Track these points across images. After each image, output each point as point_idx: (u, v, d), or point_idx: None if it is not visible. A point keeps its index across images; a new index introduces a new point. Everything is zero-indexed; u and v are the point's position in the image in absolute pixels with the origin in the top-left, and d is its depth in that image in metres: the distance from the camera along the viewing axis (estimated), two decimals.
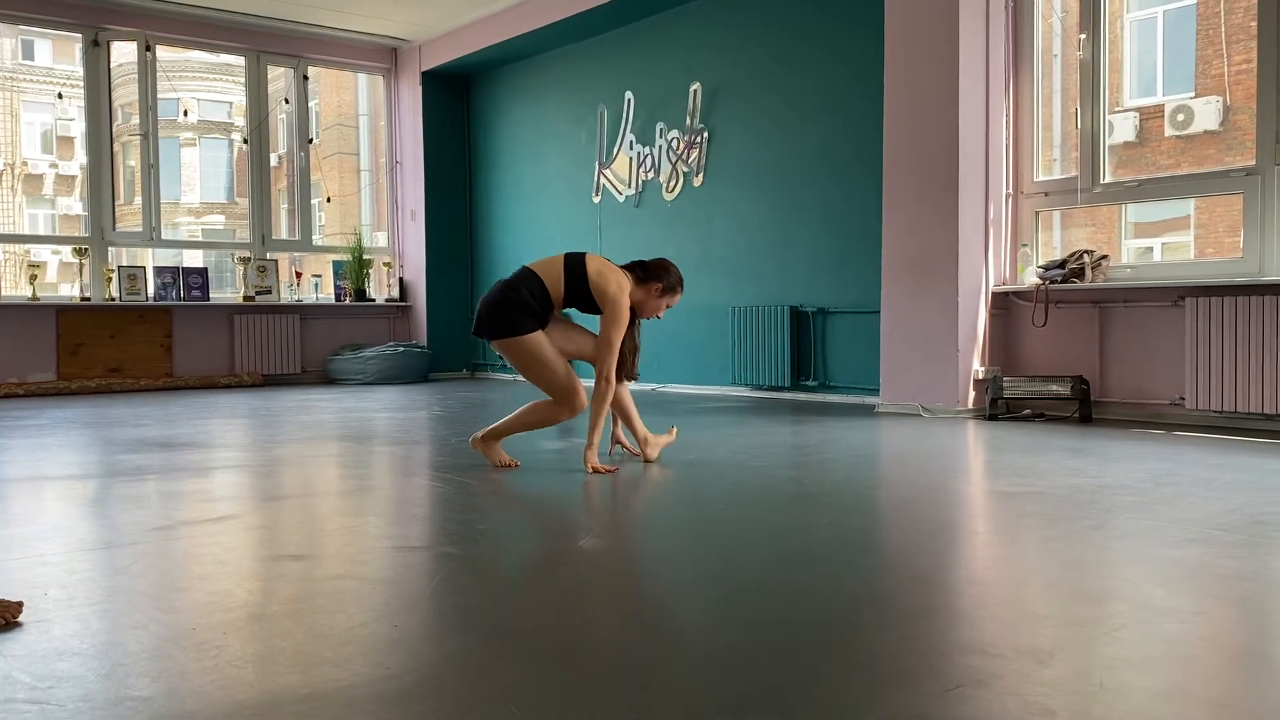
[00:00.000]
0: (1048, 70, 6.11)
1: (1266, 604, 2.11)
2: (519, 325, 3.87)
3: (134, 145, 9.22)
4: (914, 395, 5.92)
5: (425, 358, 9.63)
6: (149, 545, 2.67)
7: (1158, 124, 10.62)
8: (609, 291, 3.87)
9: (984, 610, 2.07)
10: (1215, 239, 10.02)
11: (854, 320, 6.72)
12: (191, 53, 11.80)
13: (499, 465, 4.01)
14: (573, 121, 8.99)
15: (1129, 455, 4.16)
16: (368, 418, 6.14)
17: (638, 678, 1.68)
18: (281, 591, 2.23)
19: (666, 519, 3.21)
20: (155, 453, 4.55)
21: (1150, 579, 2.27)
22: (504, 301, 3.87)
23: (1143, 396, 5.44)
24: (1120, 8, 10.65)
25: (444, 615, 2.05)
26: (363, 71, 10.44)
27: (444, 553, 2.59)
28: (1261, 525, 2.77)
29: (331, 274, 9.94)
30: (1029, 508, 3.09)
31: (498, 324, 3.89)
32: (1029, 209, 5.96)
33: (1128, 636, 1.84)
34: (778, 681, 1.63)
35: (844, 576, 2.33)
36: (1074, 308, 5.70)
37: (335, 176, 17.09)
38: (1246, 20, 9.28)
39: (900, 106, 5.97)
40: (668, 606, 2.18)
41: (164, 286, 8.88)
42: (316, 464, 4.30)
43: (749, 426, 5.36)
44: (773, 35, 7.25)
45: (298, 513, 3.22)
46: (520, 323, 3.87)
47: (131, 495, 3.45)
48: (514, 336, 3.88)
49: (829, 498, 3.31)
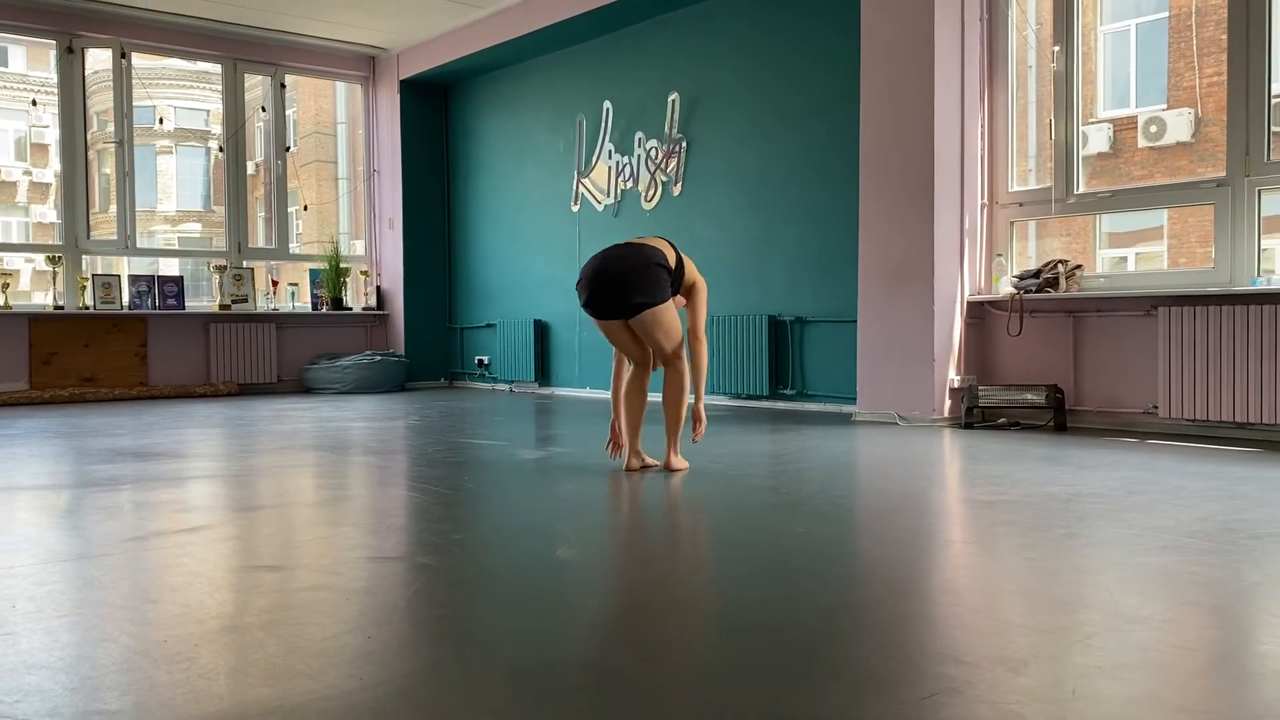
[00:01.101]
0: (1023, 82, 6.17)
1: (1237, 611, 2.13)
2: (665, 293, 3.93)
3: (109, 153, 9.16)
4: (890, 404, 5.95)
5: (402, 367, 9.59)
6: (121, 556, 2.64)
7: (1131, 135, 10.74)
8: (699, 278, 4.11)
9: (958, 619, 2.07)
10: (1188, 249, 10.14)
11: (831, 329, 6.74)
12: (168, 60, 11.73)
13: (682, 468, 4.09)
14: (551, 131, 8.99)
15: (1103, 463, 4.19)
16: (344, 427, 6.11)
17: (615, 688, 1.67)
18: (255, 603, 2.21)
19: (643, 528, 3.21)
20: (128, 463, 4.51)
21: (1123, 587, 2.28)
22: (655, 266, 3.89)
23: (1116, 405, 5.48)
24: (1094, 20, 10.77)
25: (419, 626, 2.04)
26: (340, 80, 10.41)
27: (420, 563, 2.58)
28: (1232, 533, 2.79)
29: (308, 282, 9.89)
30: (1004, 516, 3.11)
31: (648, 291, 3.88)
32: (1004, 219, 6.01)
33: (1100, 644, 1.85)
34: (754, 691, 1.63)
35: (820, 585, 2.33)
36: (1048, 317, 5.74)
37: (313, 184, 17.03)
38: (1217, 34, 9.40)
39: (876, 118, 6.00)
40: (645, 616, 2.18)
41: (139, 295, 8.81)
42: (292, 474, 4.28)
43: (727, 435, 5.37)
44: (750, 46, 7.29)
45: (272, 523, 3.19)
46: (665, 290, 3.93)
47: (104, 506, 3.42)
48: (662, 304, 3.91)
49: (805, 507, 3.32)
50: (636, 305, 3.87)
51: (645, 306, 3.87)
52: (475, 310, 9.96)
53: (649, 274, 3.88)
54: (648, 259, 3.90)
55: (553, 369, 9.07)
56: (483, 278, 9.87)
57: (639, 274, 3.87)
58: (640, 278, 3.86)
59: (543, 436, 5.62)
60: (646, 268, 3.88)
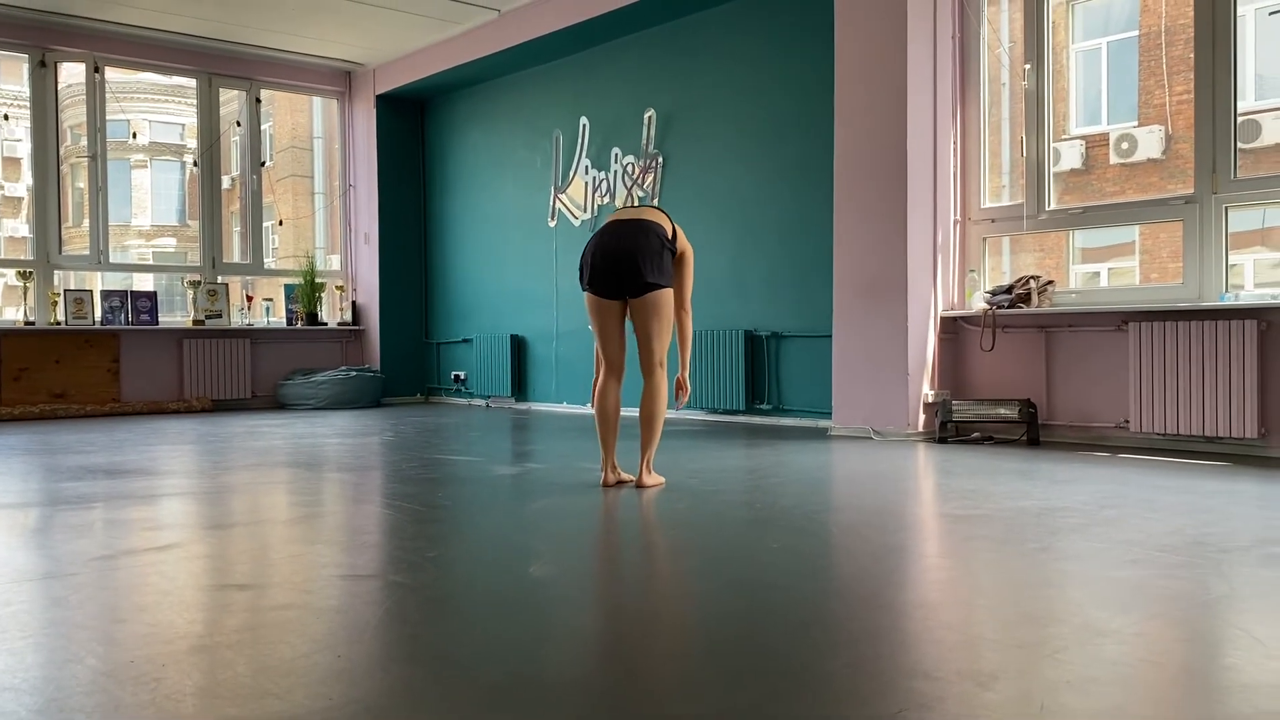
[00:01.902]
0: (995, 99, 6.23)
1: (1205, 624, 2.15)
2: (671, 277, 3.97)
3: (82, 167, 9.09)
4: (865, 419, 5.97)
5: (378, 382, 9.55)
6: (89, 575, 2.61)
7: (1103, 152, 10.85)
8: (688, 246, 4.15)
9: (929, 634, 2.08)
10: (1159, 264, 10.24)
11: (807, 344, 6.77)
12: (142, 74, 11.68)
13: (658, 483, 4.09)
14: (528, 146, 9.01)
15: (1074, 478, 4.22)
16: (318, 443, 6.08)
17: (589, 705, 1.67)
18: (224, 622, 2.20)
19: (618, 545, 3.21)
20: (99, 480, 4.47)
21: (1092, 600, 2.30)
22: (665, 250, 3.92)
23: (1088, 419, 5.53)
24: (1065, 39, 10.89)
25: (390, 645, 2.03)
26: (316, 94, 10.39)
27: (393, 581, 2.57)
28: (1201, 546, 2.82)
29: (283, 297, 9.84)
30: (976, 530, 3.12)
31: (659, 271, 3.90)
32: (976, 235, 6.06)
33: (1069, 658, 1.87)
34: (727, 706, 1.63)
35: (794, 600, 2.34)
36: (1021, 332, 5.79)
37: (289, 199, 16.97)
38: (1186, 52, 9.53)
39: (850, 134, 6.05)
40: (619, 633, 2.18)
41: (111, 310, 8.74)
42: (265, 491, 4.25)
43: (703, 450, 5.37)
44: (725, 64, 7.33)
45: (244, 541, 3.17)
46: (671, 274, 3.98)
47: (73, 524, 3.39)
48: (667, 288, 3.94)
49: (780, 521, 3.33)
50: (648, 284, 3.89)
51: (655, 287, 3.90)
52: (452, 325, 9.94)
53: (662, 257, 3.93)
54: (660, 241, 3.93)
55: (530, 384, 9.05)
56: (459, 293, 9.85)
57: (655, 256, 3.89)
58: (656, 260, 3.89)
59: (519, 452, 5.61)
60: (660, 251, 3.92)
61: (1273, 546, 2.81)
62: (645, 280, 3.88)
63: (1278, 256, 9.60)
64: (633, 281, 3.89)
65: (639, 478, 4.06)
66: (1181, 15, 9.93)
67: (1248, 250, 9.20)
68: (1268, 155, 8.52)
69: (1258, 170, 6.28)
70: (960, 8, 6.04)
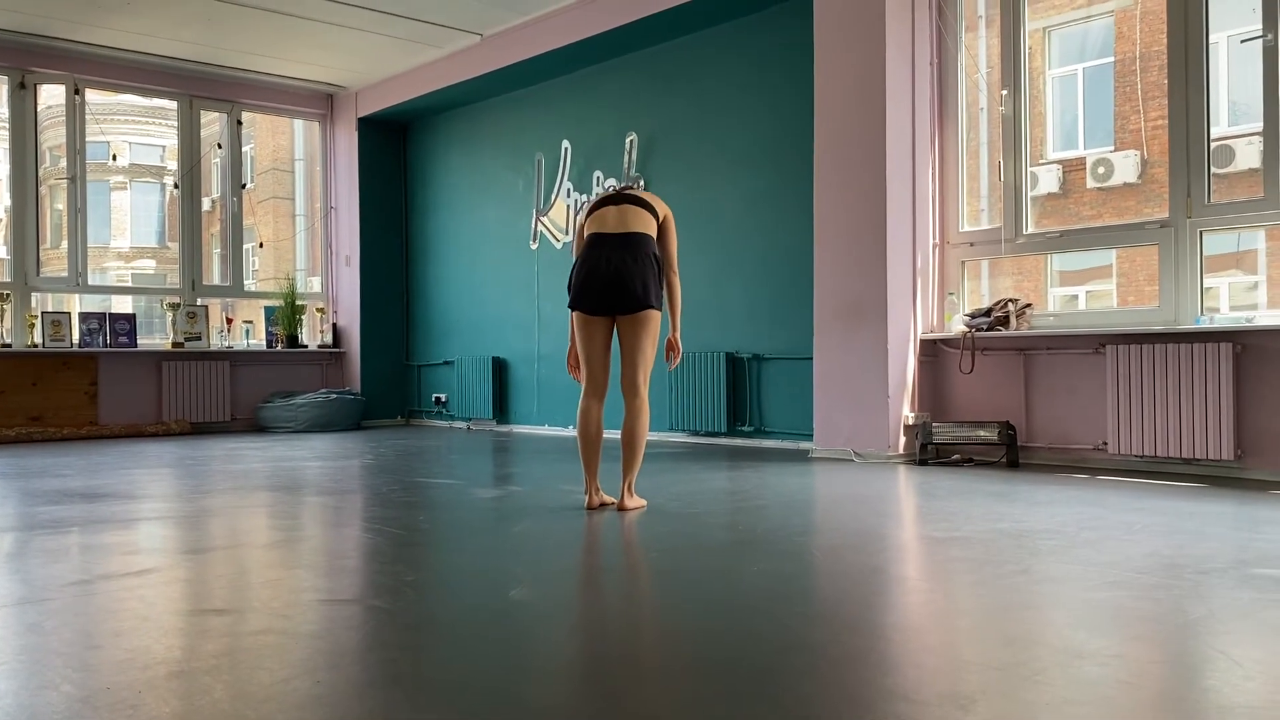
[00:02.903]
0: (974, 124, 6.30)
1: (1184, 646, 2.17)
2: (659, 297, 4.02)
3: (61, 189, 9.05)
4: (846, 441, 5.99)
5: (358, 405, 9.51)
6: (65, 601, 2.59)
7: (1080, 176, 10.97)
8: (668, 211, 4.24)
9: (910, 656, 2.09)
10: (1136, 287, 10.34)
11: (788, 366, 6.80)
12: (122, 96, 11.65)
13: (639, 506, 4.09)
14: (510, 169, 9.03)
15: (1053, 500, 4.24)
16: (298, 467, 6.04)
17: None
18: (202, 648, 2.18)
19: (599, 568, 3.20)
20: (76, 504, 4.42)
21: (1071, 622, 2.31)
22: (653, 266, 3.98)
23: (1067, 441, 5.56)
24: (1042, 65, 11.03)
25: (369, 670, 2.02)
26: (298, 117, 10.39)
27: (372, 606, 2.56)
28: (1179, 568, 2.84)
29: (263, 320, 9.81)
30: (956, 553, 3.13)
31: (649, 292, 3.96)
32: (955, 258, 6.11)
33: (1049, 680, 1.87)
34: None
35: (775, 623, 2.34)
36: (1000, 355, 5.83)
37: (270, 221, 16.92)
38: (1160, 78, 9.66)
39: (829, 159, 6.10)
40: (599, 657, 2.17)
41: (89, 333, 8.68)
42: (244, 515, 4.22)
43: (685, 473, 5.37)
44: (706, 88, 7.38)
45: (223, 565, 3.15)
46: (659, 295, 4.04)
47: (49, 549, 3.35)
48: (656, 309, 4.00)
49: (762, 544, 3.33)
50: (639, 305, 3.94)
51: (645, 306, 3.96)
52: (433, 347, 9.92)
53: (653, 274, 3.99)
54: (650, 258, 3.99)
55: (511, 406, 9.04)
56: (441, 315, 9.84)
57: (645, 275, 3.95)
58: (646, 280, 3.95)
59: (500, 475, 5.59)
60: (650, 267, 3.98)
61: (1250, 568, 2.83)
62: (636, 301, 3.93)
63: (1252, 280, 9.72)
64: (624, 303, 3.94)
65: (620, 501, 4.06)
66: (1155, 42, 10.07)
67: (1223, 273, 9.31)
68: (1241, 180, 8.63)
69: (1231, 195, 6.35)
70: (938, 34, 6.11)
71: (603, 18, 7.46)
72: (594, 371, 4.07)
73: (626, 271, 3.91)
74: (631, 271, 3.91)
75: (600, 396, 4.10)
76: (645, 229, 4.02)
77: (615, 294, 3.92)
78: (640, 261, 3.94)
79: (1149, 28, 10.35)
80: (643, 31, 7.46)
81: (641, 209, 4.07)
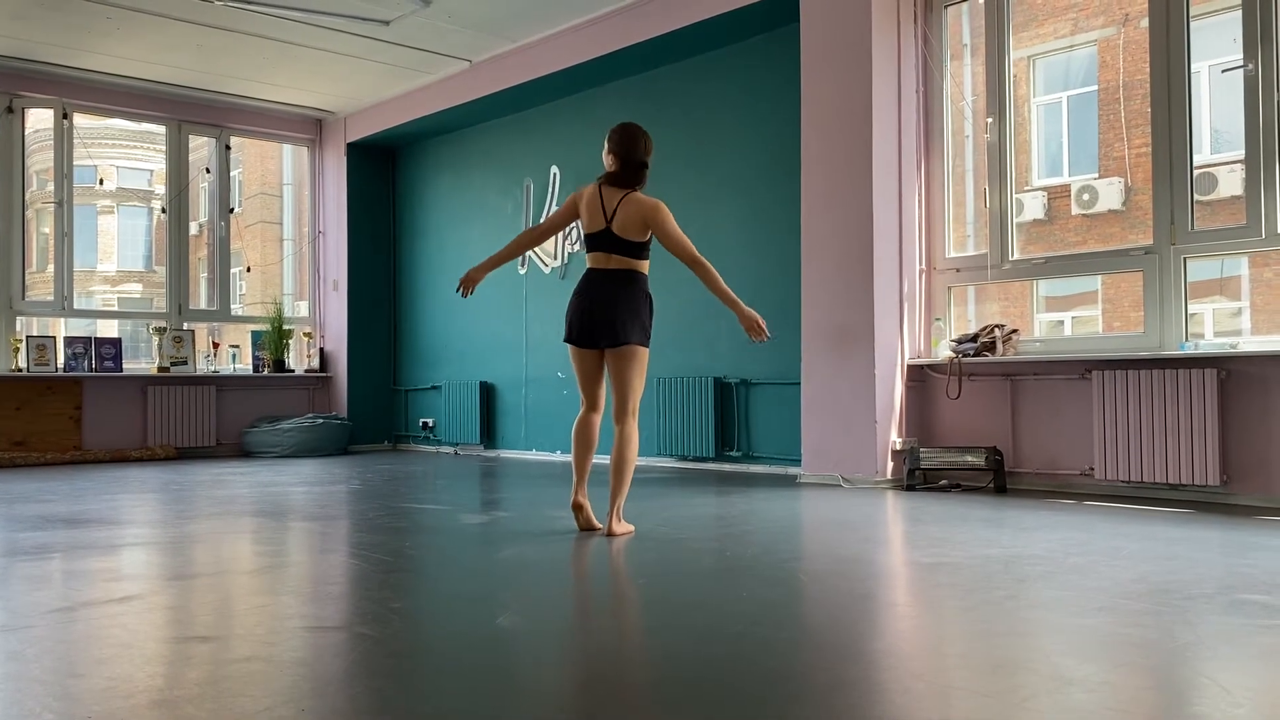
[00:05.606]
0: (959, 151, 6.35)
1: (1172, 672, 2.17)
2: (645, 334, 4.17)
3: (48, 212, 9.03)
4: (834, 466, 5.99)
5: (345, 429, 9.47)
6: (46, 628, 2.56)
7: (1065, 203, 11.06)
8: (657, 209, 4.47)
9: (899, 683, 2.08)
10: (1122, 312, 10.41)
11: (776, 392, 6.80)
12: (111, 120, 11.65)
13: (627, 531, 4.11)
14: (499, 193, 9.05)
15: (1041, 525, 4.25)
16: (283, 492, 6.01)
17: None
18: (186, 675, 2.16)
19: (586, 594, 3.19)
20: (59, 530, 4.39)
21: (1060, 648, 2.31)
22: (640, 304, 4.15)
23: (1054, 467, 5.58)
24: (1027, 92, 11.14)
25: (355, 699, 2.00)
26: (286, 142, 10.40)
27: (358, 633, 2.54)
28: (1166, 594, 2.84)
29: (250, 344, 9.77)
30: (945, 579, 3.13)
31: (633, 329, 4.10)
32: (942, 284, 6.13)
33: (1037, 707, 1.87)
34: None
35: (763, 649, 2.33)
36: (986, 380, 5.85)
37: (257, 245, 16.91)
38: (1144, 107, 9.76)
39: (817, 185, 6.13)
40: (586, 684, 2.16)
41: (75, 357, 8.64)
42: (229, 541, 4.19)
43: (673, 498, 5.36)
44: (694, 114, 7.43)
45: (207, 592, 3.12)
46: (649, 331, 4.20)
47: (31, 575, 3.32)
48: (642, 346, 4.15)
49: (750, 570, 3.32)
50: (623, 342, 4.09)
51: (630, 343, 4.10)
52: (420, 372, 9.90)
53: (648, 315, 4.19)
54: (639, 294, 4.16)
55: (499, 431, 9.01)
56: (428, 339, 9.83)
57: (630, 315, 4.10)
58: (631, 319, 4.10)
59: (487, 500, 5.57)
60: (637, 306, 4.14)
61: (1237, 593, 2.84)
62: (617, 338, 4.09)
63: (1236, 305, 9.79)
64: (608, 338, 4.11)
65: (609, 526, 4.05)
66: (1139, 71, 10.19)
67: (1207, 299, 9.38)
68: (1224, 207, 8.72)
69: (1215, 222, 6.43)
70: (924, 62, 6.16)
71: (592, 45, 7.51)
72: (589, 392, 4.26)
73: (613, 310, 4.10)
74: (618, 310, 4.10)
75: (597, 411, 4.25)
76: (635, 267, 4.23)
77: (601, 330, 4.12)
78: (630, 300, 4.13)
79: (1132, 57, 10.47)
80: (632, 58, 7.51)
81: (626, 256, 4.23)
